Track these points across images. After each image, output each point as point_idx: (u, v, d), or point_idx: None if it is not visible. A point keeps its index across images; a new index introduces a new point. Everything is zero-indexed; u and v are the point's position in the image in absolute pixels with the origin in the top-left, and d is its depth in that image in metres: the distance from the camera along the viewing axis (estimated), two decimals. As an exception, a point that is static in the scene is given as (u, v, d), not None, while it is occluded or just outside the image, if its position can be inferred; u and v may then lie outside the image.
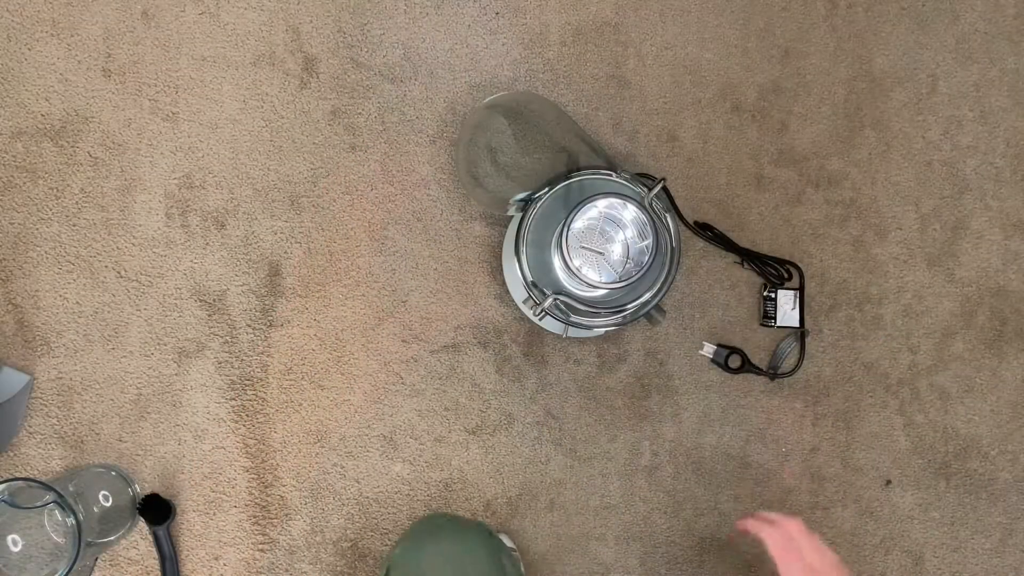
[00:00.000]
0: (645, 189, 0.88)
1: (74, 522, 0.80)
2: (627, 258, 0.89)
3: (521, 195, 0.90)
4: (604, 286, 0.86)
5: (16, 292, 0.95)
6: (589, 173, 0.90)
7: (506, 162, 0.92)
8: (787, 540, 0.74)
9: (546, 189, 0.89)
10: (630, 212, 0.87)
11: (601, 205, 0.87)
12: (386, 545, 0.96)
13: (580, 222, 0.87)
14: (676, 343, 1.00)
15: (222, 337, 0.96)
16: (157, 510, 0.90)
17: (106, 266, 0.96)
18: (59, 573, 0.80)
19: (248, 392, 0.96)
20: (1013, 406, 1.02)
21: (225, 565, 0.94)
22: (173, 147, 0.97)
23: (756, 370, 0.98)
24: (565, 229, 0.85)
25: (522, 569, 0.94)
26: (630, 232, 0.89)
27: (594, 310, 0.89)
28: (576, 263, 0.86)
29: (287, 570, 0.95)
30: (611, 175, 0.90)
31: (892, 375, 1.02)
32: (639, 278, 0.86)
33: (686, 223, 0.99)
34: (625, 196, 0.86)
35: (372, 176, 0.99)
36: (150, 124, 0.97)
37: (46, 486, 0.80)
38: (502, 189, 0.91)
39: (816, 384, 1.01)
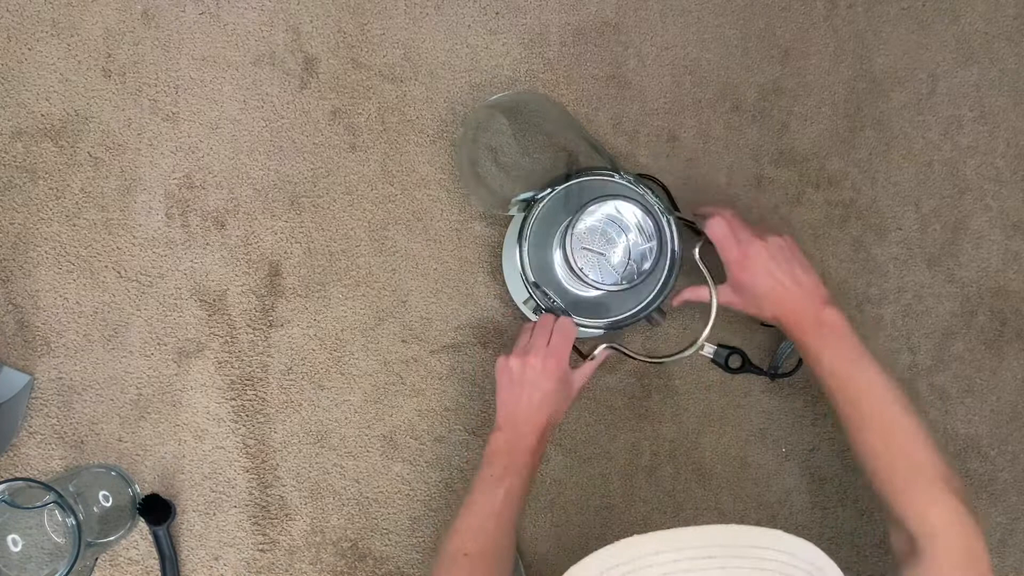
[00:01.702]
0: (648, 191, 0.88)
1: (74, 522, 0.80)
2: (628, 260, 0.89)
3: (523, 195, 0.90)
4: (605, 287, 0.86)
5: (16, 292, 0.95)
6: (591, 174, 0.90)
7: (507, 162, 0.92)
8: (723, 223, 0.84)
9: (548, 190, 0.89)
10: (633, 215, 0.87)
11: (606, 208, 0.87)
12: (387, 545, 0.96)
13: (582, 223, 0.87)
14: (676, 343, 1.00)
15: (222, 337, 0.96)
16: (157, 510, 0.90)
17: (106, 266, 0.96)
18: (59, 573, 0.80)
19: (248, 392, 0.96)
20: (1013, 406, 1.02)
21: (225, 565, 0.94)
22: (173, 147, 0.97)
23: (756, 370, 0.98)
24: (569, 230, 0.85)
25: (522, 570, 0.94)
26: (632, 234, 0.89)
27: (594, 311, 0.89)
28: (578, 264, 0.86)
29: (287, 570, 0.95)
30: (613, 176, 0.90)
31: (892, 375, 1.02)
32: (641, 281, 0.86)
33: (686, 223, 0.99)
34: (628, 198, 0.86)
35: (372, 176, 0.99)
36: (150, 124, 0.97)
37: (46, 486, 0.80)
38: (503, 189, 0.91)
39: (816, 384, 1.01)
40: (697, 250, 0.88)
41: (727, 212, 0.86)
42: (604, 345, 0.90)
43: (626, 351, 0.90)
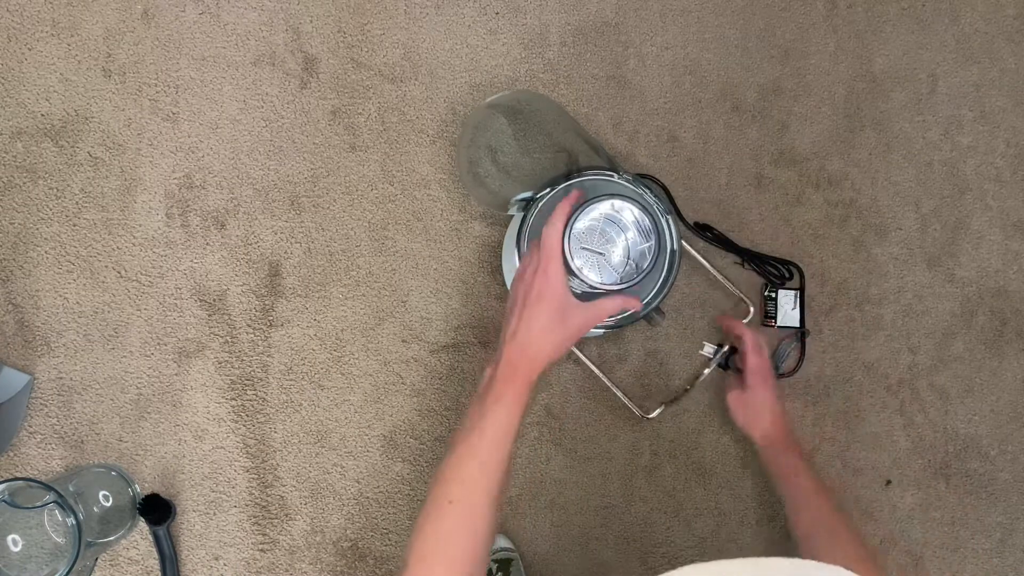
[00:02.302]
0: (646, 190, 0.88)
1: (74, 522, 0.80)
2: (628, 259, 0.89)
3: (523, 195, 0.90)
4: (604, 287, 0.86)
5: (16, 292, 0.95)
6: (590, 174, 0.90)
7: (507, 162, 0.92)
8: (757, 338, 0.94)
9: (547, 189, 0.89)
10: (631, 214, 0.87)
11: (603, 207, 0.87)
12: (387, 545, 0.96)
13: (581, 223, 0.87)
14: (676, 343, 1.00)
15: (222, 337, 0.96)
16: (157, 510, 0.90)
17: (106, 266, 0.96)
18: (59, 573, 0.80)
19: (248, 392, 0.96)
20: (1013, 406, 1.02)
21: (225, 565, 0.94)
22: (173, 147, 0.97)
23: (756, 370, 0.98)
24: (567, 230, 0.85)
25: (522, 569, 0.94)
26: (631, 233, 0.89)
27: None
28: (577, 264, 0.86)
29: (287, 570, 0.95)
30: (612, 176, 0.90)
31: (892, 375, 1.02)
32: (640, 280, 0.86)
33: (686, 224, 0.99)
34: (627, 198, 0.86)
35: (372, 176, 0.99)
36: (150, 124, 0.97)
37: (46, 486, 0.80)
38: (503, 189, 0.91)
39: (816, 384, 1.01)
40: (734, 358, 0.97)
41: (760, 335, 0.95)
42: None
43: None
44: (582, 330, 0.77)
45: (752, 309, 0.98)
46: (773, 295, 0.99)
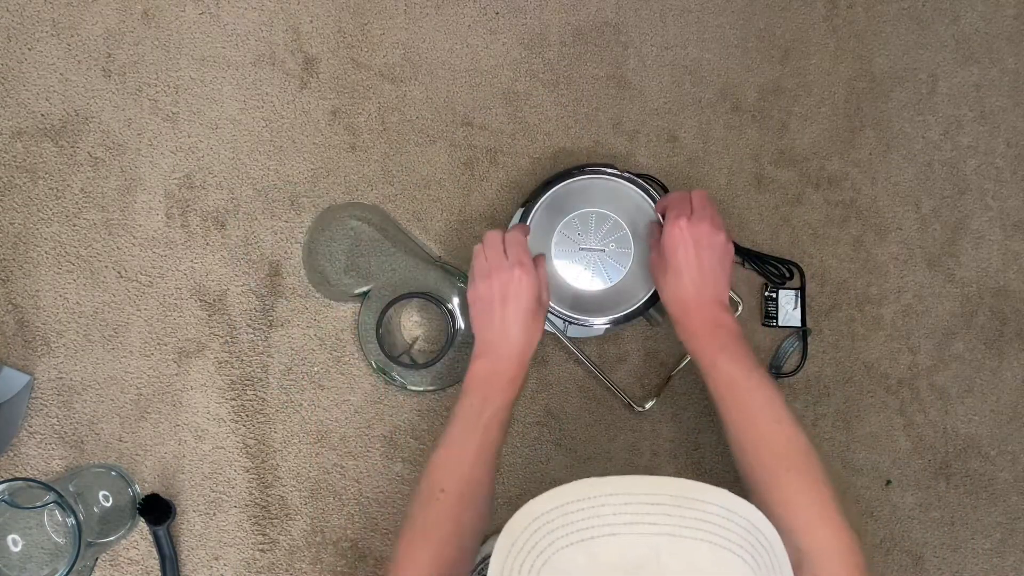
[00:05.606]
0: (645, 193, 0.88)
1: (74, 522, 0.80)
2: (628, 259, 0.89)
3: (361, 289, 0.93)
4: (604, 287, 0.86)
5: (16, 292, 0.95)
6: (588, 174, 0.90)
7: (347, 263, 0.93)
8: (682, 197, 0.83)
9: (547, 191, 0.89)
10: (630, 213, 0.87)
11: (602, 209, 0.87)
12: (387, 545, 0.96)
13: (579, 222, 0.87)
14: (676, 343, 1.00)
15: (222, 337, 0.96)
16: (157, 510, 0.90)
17: (106, 266, 0.96)
18: (59, 573, 0.80)
19: (248, 392, 0.96)
20: (1013, 406, 1.02)
21: (225, 565, 0.94)
22: (173, 147, 0.97)
23: (756, 370, 0.98)
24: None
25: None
26: (631, 233, 0.89)
27: (595, 309, 0.89)
28: (576, 263, 0.86)
29: (287, 570, 0.95)
30: (611, 175, 0.90)
31: (892, 375, 1.02)
32: (639, 280, 0.86)
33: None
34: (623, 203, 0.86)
35: (372, 176, 0.99)
36: (150, 124, 0.97)
37: (46, 486, 0.81)
38: (343, 284, 0.94)
39: (816, 384, 1.01)
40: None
41: (696, 192, 0.84)
42: None
43: None
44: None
45: (740, 305, 0.97)
46: (774, 295, 0.99)
